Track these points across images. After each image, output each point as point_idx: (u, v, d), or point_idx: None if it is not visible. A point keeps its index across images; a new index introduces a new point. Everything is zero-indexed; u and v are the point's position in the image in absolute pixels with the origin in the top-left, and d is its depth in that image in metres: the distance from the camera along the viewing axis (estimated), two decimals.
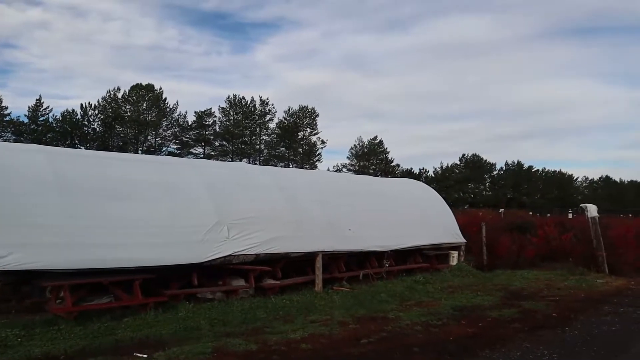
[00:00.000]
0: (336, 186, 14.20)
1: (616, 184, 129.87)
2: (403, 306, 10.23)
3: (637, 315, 9.86)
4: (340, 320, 8.73)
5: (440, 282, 13.02)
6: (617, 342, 7.88)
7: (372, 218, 13.52)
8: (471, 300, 10.85)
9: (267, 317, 8.95)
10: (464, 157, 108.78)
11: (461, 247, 16.18)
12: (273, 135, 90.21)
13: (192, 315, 8.66)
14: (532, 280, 13.85)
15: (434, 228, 15.33)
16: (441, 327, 8.56)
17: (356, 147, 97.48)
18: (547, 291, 12.29)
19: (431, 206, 16.33)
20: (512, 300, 11.06)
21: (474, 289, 12.29)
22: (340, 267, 12.65)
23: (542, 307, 10.31)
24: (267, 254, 10.67)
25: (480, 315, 9.44)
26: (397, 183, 19.34)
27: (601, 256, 15.10)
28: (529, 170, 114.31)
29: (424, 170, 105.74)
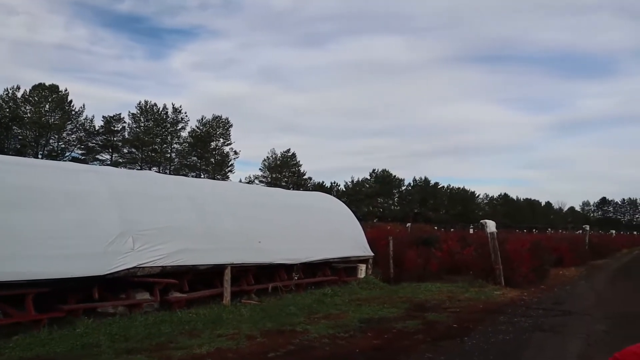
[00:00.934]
0: (247, 198, 14.09)
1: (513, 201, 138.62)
2: (311, 319, 10.26)
3: (528, 324, 10.50)
4: (248, 334, 8.62)
5: (348, 295, 13.23)
6: (510, 350, 8.35)
7: (282, 231, 13.53)
8: (378, 313, 11.09)
9: (172, 331, 8.66)
10: (374, 172, 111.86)
11: (369, 260, 16.54)
12: (185, 144, 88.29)
13: (91, 331, 8.21)
14: (435, 292, 14.38)
15: (343, 241, 15.58)
16: (348, 339, 8.68)
17: (269, 159, 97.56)
18: (449, 303, 12.81)
19: (341, 220, 16.60)
20: (416, 312, 11.43)
21: (381, 301, 12.57)
22: (250, 280, 12.51)
23: (444, 319, 10.73)
24: (174, 267, 10.35)
25: (386, 327, 9.66)
26: (308, 196, 19.51)
27: (498, 269, 15.97)
28: (435, 187, 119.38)
29: (335, 184, 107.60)
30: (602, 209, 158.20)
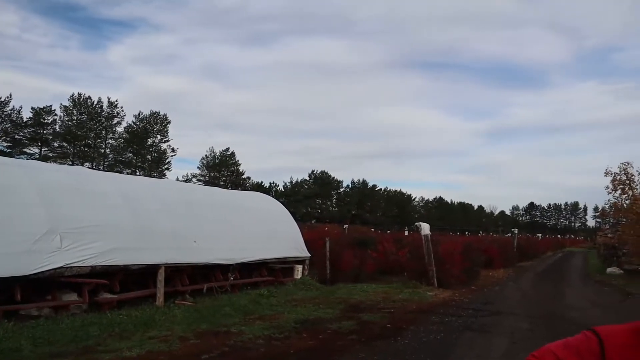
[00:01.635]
0: (184, 196, 13.80)
1: (448, 204, 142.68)
2: (247, 320, 10.18)
3: (459, 324, 10.83)
4: (181, 336, 8.45)
5: (284, 296, 13.20)
6: (441, 349, 8.57)
7: (219, 230, 13.35)
8: (313, 313, 11.13)
9: (101, 334, 8.36)
10: (313, 173, 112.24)
11: (306, 261, 16.59)
12: (120, 140, 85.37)
13: (12, 335, 7.75)
14: (371, 293, 14.59)
15: (280, 242, 15.55)
16: (283, 340, 8.66)
17: (208, 158, 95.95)
18: (384, 303, 13.02)
19: (278, 220, 16.57)
20: (351, 312, 11.55)
21: (317, 302, 12.63)
22: (184, 280, 12.26)
23: (378, 319, 10.89)
24: (104, 266, 9.99)
25: (321, 328, 9.71)
26: (246, 196, 19.34)
27: (431, 270, 16.39)
28: (373, 189, 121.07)
29: (274, 185, 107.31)
30: (530, 214, 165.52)
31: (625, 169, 25.24)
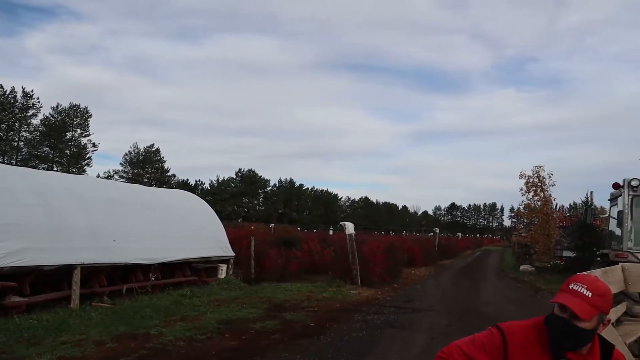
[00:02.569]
0: (103, 194, 13.24)
1: (373, 204, 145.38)
2: (167, 321, 9.91)
3: (381, 321, 11.04)
4: (96, 340, 8.08)
5: (207, 296, 12.96)
6: (363, 346, 8.70)
7: (140, 229, 12.92)
8: (237, 313, 11.00)
9: (8, 340, 7.85)
10: (240, 171, 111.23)
11: (230, 260, 16.38)
12: (36, 133, 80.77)
13: None
14: (295, 292, 14.60)
15: (204, 241, 15.26)
16: (205, 341, 8.50)
17: (131, 154, 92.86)
18: (308, 302, 13.07)
19: (202, 219, 16.24)
20: (275, 312, 11.51)
21: (241, 301, 12.50)
22: (102, 281, 11.76)
23: (302, 318, 10.92)
24: (13, 267, 9.38)
25: (245, 328, 9.61)
26: (169, 194, 18.81)
27: (355, 269, 16.63)
28: (300, 188, 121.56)
29: (200, 183, 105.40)
30: (452, 214, 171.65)
31: (537, 172, 26.76)
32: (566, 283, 2.16)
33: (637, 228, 7.75)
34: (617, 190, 7.97)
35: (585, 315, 2.03)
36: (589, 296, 2.06)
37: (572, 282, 2.13)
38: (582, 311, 2.03)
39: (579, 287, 2.09)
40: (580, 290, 2.08)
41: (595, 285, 2.11)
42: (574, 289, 2.09)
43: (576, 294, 2.08)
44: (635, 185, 7.55)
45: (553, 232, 25.81)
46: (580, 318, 2.02)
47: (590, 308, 2.04)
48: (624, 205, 7.61)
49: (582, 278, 2.15)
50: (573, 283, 2.12)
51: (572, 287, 2.10)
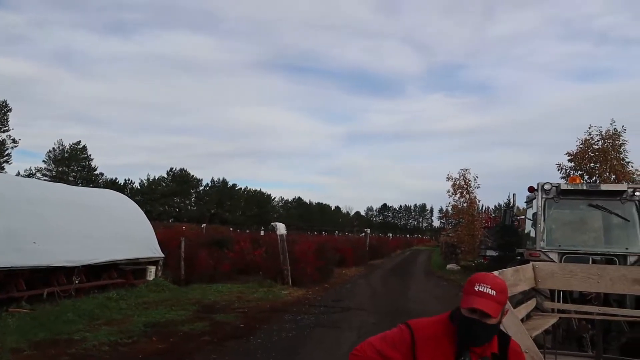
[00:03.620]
0: (22, 193, 12.61)
1: (307, 204, 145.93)
2: (92, 326, 9.59)
3: (311, 321, 11.18)
4: (13, 348, 7.70)
5: (135, 299, 12.63)
6: (292, 346, 8.79)
7: (63, 230, 12.41)
8: (165, 316, 10.80)
9: None
10: (172, 170, 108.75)
11: (159, 261, 16.03)
12: None
13: None
14: (225, 293, 14.50)
15: (131, 242, 14.85)
16: (131, 345, 8.31)
17: (55, 151, 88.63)
18: (238, 303, 13.02)
19: (130, 219, 15.80)
20: (205, 313, 11.39)
21: (169, 304, 12.27)
22: (20, 286, 11.21)
23: (231, 319, 10.87)
24: None
25: (173, 331, 9.47)
26: (95, 193, 18.15)
27: (286, 269, 16.71)
28: (233, 188, 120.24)
29: (129, 182, 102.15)
30: (383, 214, 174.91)
31: (464, 175, 27.86)
32: (469, 285, 2.28)
33: (549, 229, 8.27)
34: (532, 193, 8.48)
35: (494, 313, 2.19)
36: (494, 295, 2.21)
37: (475, 283, 2.26)
38: (492, 310, 2.18)
39: (484, 287, 2.22)
40: (486, 290, 2.22)
41: (497, 283, 2.26)
42: (480, 291, 2.22)
43: (483, 294, 2.21)
44: (548, 189, 8.07)
45: (478, 232, 26.93)
46: (490, 316, 2.18)
47: (496, 305, 2.21)
48: (537, 207, 8.10)
49: (483, 278, 2.29)
50: (477, 285, 2.24)
51: (478, 289, 2.23)
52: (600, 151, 18.03)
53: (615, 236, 8.27)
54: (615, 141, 18.07)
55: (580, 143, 18.55)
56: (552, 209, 8.36)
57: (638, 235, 7.86)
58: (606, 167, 17.71)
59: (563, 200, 8.26)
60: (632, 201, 7.96)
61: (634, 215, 7.95)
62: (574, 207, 8.61)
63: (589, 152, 18.22)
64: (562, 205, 8.43)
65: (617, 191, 8.10)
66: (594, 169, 18.15)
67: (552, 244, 7.99)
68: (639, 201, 7.95)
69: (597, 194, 8.19)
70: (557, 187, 8.10)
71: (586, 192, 8.21)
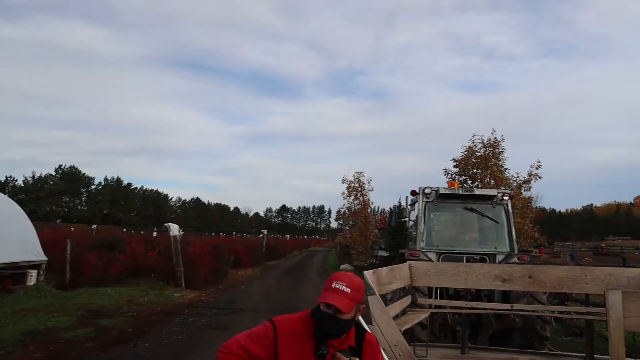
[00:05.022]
0: None
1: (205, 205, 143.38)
2: None
3: (202, 323, 11.10)
4: None
5: (11, 306, 11.84)
6: (182, 349, 8.71)
7: None
8: (45, 323, 10.25)
9: None
10: (60, 168, 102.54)
11: (42, 265, 15.14)
12: None
13: None
14: (114, 297, 13.99)
15: (10, 244, 13.89)
16: (4, 356, 7.82)
17: None
18: (127, 307, 12.62)
19: (8, 220, 14.75)
20: (90, 319, 10.94)
21: (51, 310, 11.65)
22: None
23: (119, 324, 10.54)
24: None
25: (53, 338, 9.02)
26: None
27: (179, 271, 16.41)
28: (128, 187, 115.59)
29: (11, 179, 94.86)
30: (282, 215, 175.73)
31: (358, 178, 28.77)
32: (328, 282, 2.49)
33: (429, 230, 8.86)
34: (415, 197, 9.05)
35: (346, 309, 2.40)
36: (349, 292, 2.43)
37: (333, 281, 2.47)
38: (344, 306, 2.40)
39: (340, 285, 2.44)
40: (341, 287, 2.43)
41: (352, 282, 2.48)
42: (336, 287, 2.43)
43: (338, 291, 2.42)
44: (429, 192, 8.65)
45: (370, 233, 27.92)
46: (343, 312, 2.39)
47: (350, 302, 2.42)
48: (418, 210, 8.66)
49: (341, 277, 2.50)
50: (335, 282, 2.46)
51: (335, 286, 2.44)
52: (482, 158, 19.38)
53: (487, 237, 9.01)
54: (495, 149, 19.50)
55: (465, 150, 19.83)
56: (431, 211, 8.96)
57: (506, 236, 8.62)
58: (487, 172, 19.07)
59: (442, 203, 8.87)
60: (501, 205, 8.72)
61: (502, 217, 8.72)
62: (452, 210, 9.27)
63: (472, 158, 19.52)
64: (441, 208, 9.06)
65: (489, 195, 8.83)
66: (477, 174, 19.47)
67: (431, 245, 8.57)
68: (507, 205, 8.73)
69: (471, 198, 8.89)
70: (436, 191, 8.68)
71: (462, 196, 8.88)
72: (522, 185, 19.21)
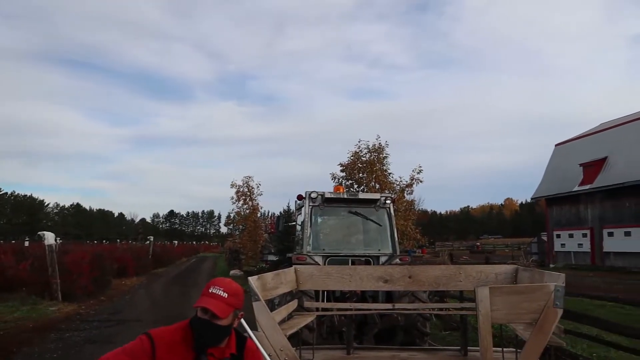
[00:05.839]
0: None
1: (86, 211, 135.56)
2: None
3: (80, 338, 10.44)
4: None
5: None
6: None
7: None
8: None
9: None
10: None
11: None
12: None
13: None
14: None
15: None
16: None
17: None
18: None
19: None
20: None
21: None
22: None
23: None
24: None
25: None
26: None
27: (55, 283, 15.32)
28: None
29: None
30: (170, 221, 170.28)
31: (247, 182, 28.58)
32: (206, 287, 2.46)
33: (315, 234, 8.98)
34: (301, 201, 9.13)
35: (222, 314, 2.38)
36: (226, 297, 2.41)
37: (211, 286, 2.44)
38: (220, 311, 2.38)
39: (217, 290, 2.42)
40: (218, 292, 2.41)
41: (230, 287, 2.47)
42: (213, 292, 2.41)
43: (215, 296, 2.40)
44: (315, 197, 8.76)
45: (260, 238, 27.84)
46: (219, 317, 2.36)
47: (226, 307, 2.40)
48: (305, 214, 8.75)
49: (219, 282, 2.49)
50: (212, 287, 2.43)
51: (212, 291, 2.42)
52: (367, 163, 19.99)
53: (371, 239, 9.29)
54: (380, 154, 20.19)
55: (351, 155, 20.37)
56: (318, 215, 9.09)
57: (389, 238, 8.94)
58: (372, 177, 19.70)
59: (328, 207, 9.02)
60: (384, 208, 9.04)
61: (385, 220, 9.03)
62: (338, 213, 9.47)
63: (358, 163, 20.08)
64: (327, 212, 9.21)
65: (372, 199, 9.12)
66: (362, 178, 20.05)
67: (318, 248, 8.68)
68: (389, 208, 9.07)
69: (356, 202, 9.13)
70: (322, 196, 8.81)
71: (347, 200, 9.09)
72: (405, 189, 20.04)
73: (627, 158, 32.64)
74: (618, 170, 33.00)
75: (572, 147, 39.42)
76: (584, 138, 39.16)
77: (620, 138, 33.96)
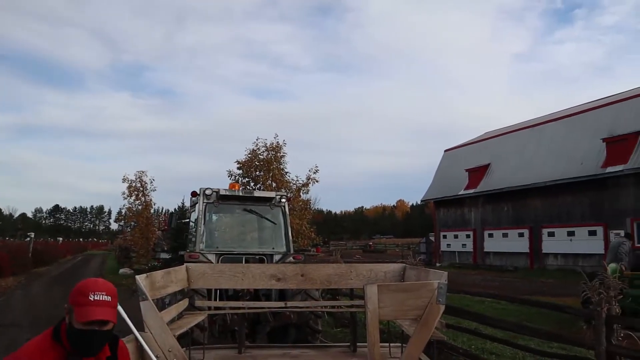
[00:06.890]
0: None
1: None
2: None
3: None
4: None
5: None
6: None
7: None
8: None
9: None
10: None
11: None
12: None
13: None
14: None
15: None
16: None
17: None
18: None
19: None
20: None
21: None
22: None
23: None
24: None
25: None
26: None
27: None
28: None
29: None
30: (55, 217, 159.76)
31: (140, 177, 27.49)
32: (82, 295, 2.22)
33: (209, 232, 8.85)
34: (195, 198, 8.96)
35: (113, 318, 2.25)
36: (110, 300, 2.25)
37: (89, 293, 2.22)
38: (111, 316, 2.23)
39: (100, 295, 2.22)
40: (102, 298, 2.22)
41: (109, 288, 2.30)
42: (97, 299, 2.20)
43: (100, 303, 2.20)
44: (209, 194, 8.62)
45: (152, 235, 26.89)
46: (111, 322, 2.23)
47: (113, 310, 2.27)
48: (198, 211, 8.59)
49: (96, 286, 2.28)
50: (92, 294, 2.21)
51: (94, 298, 2.20)
52: (264, 161, 19.99)
53: (266, 238, 9.32)
54: (277, 153, 20.28)
55: (249, 153, 20.27)
56: (212, 212, 8.96)
57: (283, 237, 9.01)
58: (269, 175, 19.73)
59: (222, 205, 8.90)
60: (279, 207, 9.10)
61: (280, 218, 9.09)
62: (232, 211, 9.39)
63: (255, 161, 20.03)
64: (221, 209, 9.10)
65: (267, 198, 9.14)
66: (259, 177, 20.03)
67: (211, 246, 8.55)
68: (284, 207, 9.14)
69: (251, 199, 9.10)
70: (217, 193, 8.68)
71: (242, 197, 9.04)
72: (301, 188, 20.27)
73: (506, 165, 35.09)
74: (498, 176, 35.37)
75: (459, 153, 41.69)
76: (470, 145, 41.56)
77: (501, 147, 36.50)
